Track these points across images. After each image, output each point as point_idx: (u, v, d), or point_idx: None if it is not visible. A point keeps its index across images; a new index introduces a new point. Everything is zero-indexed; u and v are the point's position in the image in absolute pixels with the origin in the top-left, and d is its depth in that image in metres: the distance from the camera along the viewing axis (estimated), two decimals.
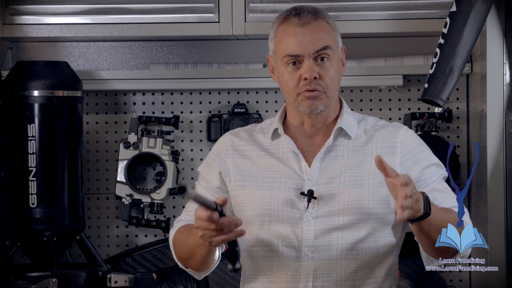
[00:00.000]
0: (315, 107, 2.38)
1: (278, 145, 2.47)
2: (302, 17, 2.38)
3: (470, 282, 3.66)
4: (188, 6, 3.53)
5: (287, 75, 2.38)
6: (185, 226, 2.47)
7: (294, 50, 2.37)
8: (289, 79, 2.38)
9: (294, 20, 2.39)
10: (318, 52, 2.36)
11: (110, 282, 3.46)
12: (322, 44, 2.37)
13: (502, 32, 3.28)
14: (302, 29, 2.37)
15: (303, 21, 2.38)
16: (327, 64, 2.38)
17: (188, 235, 2.37)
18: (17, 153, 3.37)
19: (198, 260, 2.38)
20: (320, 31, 2.38)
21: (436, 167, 2.43)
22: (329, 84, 2.37)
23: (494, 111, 3.30)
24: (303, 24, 2.37)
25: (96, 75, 3.66)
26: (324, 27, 2.40)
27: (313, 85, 2.36)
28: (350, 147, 2.44)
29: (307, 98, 2.37)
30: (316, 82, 2.36)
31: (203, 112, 3.78)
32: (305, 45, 2.36)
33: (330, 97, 2.39)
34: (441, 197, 2.38)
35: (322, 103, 2.38)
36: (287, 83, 2.39)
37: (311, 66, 2.35)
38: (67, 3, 3.56)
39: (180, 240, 2.43)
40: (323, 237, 2.37)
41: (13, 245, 3.44)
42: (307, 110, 2.38)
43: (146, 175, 3.76)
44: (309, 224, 2.38)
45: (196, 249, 2.34)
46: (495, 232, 3.28)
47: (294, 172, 2.42)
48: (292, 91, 2.38)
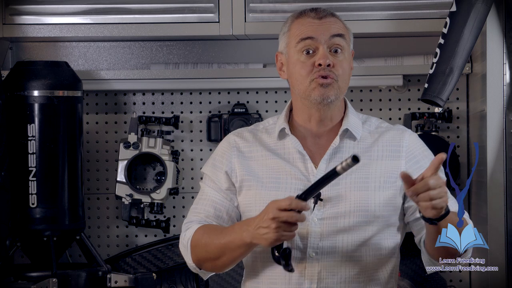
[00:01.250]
0: (327, 95, 2.38)
1: (284, 145, 2.47)
2: (319, 12, 2.43)
3: (470, 282, 3.66)
4: (188, 6, 3.53)
5: (300, 63, 2.39)
6: (207, 225, 2.44)
7: (308, 33, 2.39)
8: (302, 67, 2.39)
9: (310, 14, 2.43)
10: (333, 38, 2.39)
11: (110, 282, 3.45)
12: (337, 31, 2.40)
13: (502, 32, 3.28)
14: (319, 21, 2.41)
15: (319, 15, 2.42)
16: (340, 56, 2.40)
17: (218, 234, 2.36)
18: (17, 153, 3.37)
19: (228, 260, 2.38)
20: (336, 24, 2.43)
21: (439, 173, 2.43)
22: (341, 75, 2.39)
23: (494, 111, 3.30)
24: (320, 18, 2.42)
25: (96, 75, 3.66)
26: (340, 24, 2.45)
27: (326, 71, 2.37)
28: (356, 149, 2.44)
29: (319, 85, 2.37)
30: (329, 69, 2.37)
31: (203, 112, 3.78)
32: (321, 30, 2.39)
33: (341, 88, 2.41)
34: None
35: (333, 92, 2.38)
36: (300, 72, 2.39)
37: (326, 53, 2.38)
38: (67, 3, 3.56)
39: (204, 241, 2.39)
40: (328, 239, 2.37)
41: (13, 245, 3.44)
42: (319, 98, 2.38)
43: (146, 175, 3.76)
44: (315, 225, 2.37)
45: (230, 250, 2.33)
46: (495, 232, 3.28)
47: (301, 173, 2.41)
48: (305, 78, 2.38)
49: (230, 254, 2.35)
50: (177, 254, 3.60)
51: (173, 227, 3.76)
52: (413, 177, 2.27)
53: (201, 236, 2.41)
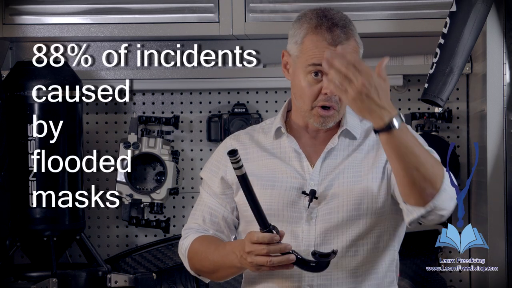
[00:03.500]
0: (326, 124, 2.39)
1: (280, 144, 2.47)
2: (335, 34, 2.34)
3: (470, 282, 3.66)
4: (188, 6, 3.53)
5: (306, 84, 2.37)
6: (203, 238, 2.46)
7: (321, 60, 2.28)
8: (307, 88, 2.37)
9: (326, 36, 2.35)
10: None
11: (110, 282, 3.45)
12: None
13: (502, 32, 3.28)
14: (334, 47, 2.33)
15: (335, 41, 2.34)
16: None
17: (212, 251, 2.38)
18: (17, 153, 3.37)
19: (222, 276, 2.41)
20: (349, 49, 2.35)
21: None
22: (344, 102, 2.37)
23: (494, 111, 3.30)
24: (335, 44, 2.33)
25: (96, 75, 3.66)
26: (353, 46, 2.37)
27: (330, 102, 2.36)
28: (350, 146, 2.44)
29: (320, 116, 2.37)
30: (334, 99, 2.36)
31: (203, 112, 3.78)
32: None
33: (341, 113, 2.41)
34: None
35: (333, 121, 2.40)
36: (304, 92, 2.38)
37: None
38: (67, 3, 3.56)
39: (200, 253, 2.42)
40: (323, 236, 2.38)
41: (13, 245, 3.44)
42: (318, 125, 2.40)
43: (146, 175, 3.76)
44: (309, 223, 2.38)
45: (224, 268, 2.36)
46: (495, 232, 3.28)
47: (296, 172, 2.42)
48: (308, 101, 2.38)
49: (224, 271, 2.38)
50: (177, 254, 3.56)
51: (173, 227, 3.76)
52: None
53: (197, 248, 2.43)
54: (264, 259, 2.21)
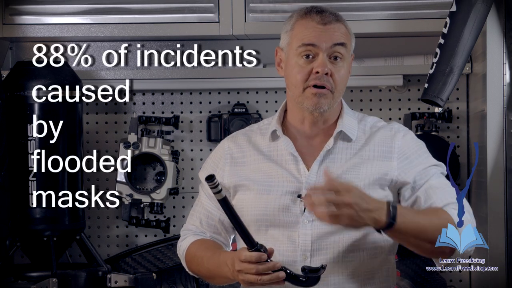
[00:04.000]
0: (320, 105, 2.37)
1: (277, 147, 2.46)
2: (324, 16, 2.38)
3: (470, 282, 3.66)
4: (188, 6, 3.53)
5: (298, 67, 2.37)
6: (200, 242, 2.47)
7: (311, 40, 2.36)
8: (299, 71, 2.37)
9: (315, 18, 2.38)
10: (334, 46, 2.36)
11: (110, 282, 3.45)
12: (339, 39, 2.37)
13: (502, 32, 3.28)
14: (323, 26, 2.37)
15: (324, 21, 2.38)
16: (340, 63, 2.38)
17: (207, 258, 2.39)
18: (17, 153, 3.37)
19: (219, 283, 2.43)
20: (339, 31, 2.38)
21: (433, 168, 2.42)
22: (338, 84, 2.37)
23: (494, 111, 3.30)
24: (324, 23, 2.37)
25: (96, 75, 3.66)
26: (343, 28, 2.40)
27: (322, 81, 2.35)
28: (349, 150, 2.43)
29: (313, 94, 2.36)
30: (326, 79, 2.35)
31: (203, 112, 3.78)
32: (323, 38, 2.36)
33: (336, 97, 2.39)
34: (435, 194, 2.37)
35: (327, 103, 2.37)
36: (296, 76, 2.38)
37: (325, 61, 2.35)
38: (67, 3, 3.56)
39: (196, 258, 2.44)
40: (319, 241, 2.37)
41: (13, 245, 3.44)
42: (311, 107, 2.37)
43: (146, 175, 3.76)
44: (305, 228, 2.37)
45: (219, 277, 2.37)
46: (495, 232, 3.28)
47: (292, 176, 2.41)
48: (300, 84, 2.37)
49: (220, 279, 2.40)
50: (177, 255, 3.59)
51: (173, 227, 3.76)
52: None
53: (194, 253, 2.45)
54: (254, 278, 2.21)
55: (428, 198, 2.34)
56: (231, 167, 2.47)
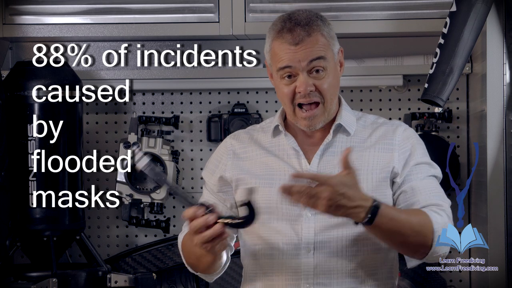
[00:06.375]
0: (313, 126, 2.41)
1: (279, 142, 2.49)
2: (295, 35, 2.35)
3: (470, 282, 3.66)
4: (188, 6, 3.54)
5: (282, 87, 2.40)
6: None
7: (286, 63, 2.36)
8: (284, 92, 2.40)
9: (287, 38, 2.36)
10: (311, 63, 2.35)
11: (110, 282, 3.46)
12: (315, 54, 2.36)
13: (502, 32, 3.28)
14: (295, 47, 2.36)
15: (296, 40, 2.35)
16: (322, 74, 2.37)
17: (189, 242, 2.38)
18: (17, 153, 3.37)
19: (205, 266, 2.41)
20: (313, 46, 2.36)
21: (426, 166, 2.43)
22: (326, 94, 2.38)
23: (494, 111, 3.30)
24: (296, 43, 2.36)
25: (96, 75, 3.66)
26: (318, 40, 2.37)
27: (308, 98, 2.37)
28: (349, 143, 2.45)
29: (304, 118, 2.38)
30: (313, 94, 2.37)
31: (203, 112, 3.78)
32: (298, 60, 2.35)
33: (328, 106, 2.40)
34: (420, 193, 2.38)
35: (320, 120, 2.41)
36: (282, 97, 2.41)
37: (305, 80, 2.35)
38: (67, 3, 3.56)
39: (186, 247, 2.45)
40: (322, 234, 2.38)
41: (13, 245, 3.44)
42: (305, 128, 2.42)
43: (146, 175, 3.76)
44: (309, 221, 2.38)
45: (202, 257, 2.36)
46: (495, 232, 3.28)
47: (293, 169, 2.43)
48: (288, 103, 2.40)
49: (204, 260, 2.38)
50: (177, 254, 3.59)
51: (173, 227, 3.76)
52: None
53: (185, 241, 2.46)
54: (197, 238, 2.21)
55: (413, 195, 2.36)
56: (233, 161, 2.49)
